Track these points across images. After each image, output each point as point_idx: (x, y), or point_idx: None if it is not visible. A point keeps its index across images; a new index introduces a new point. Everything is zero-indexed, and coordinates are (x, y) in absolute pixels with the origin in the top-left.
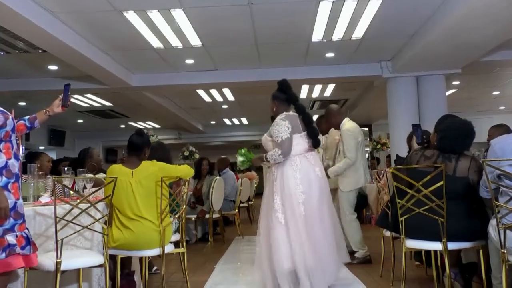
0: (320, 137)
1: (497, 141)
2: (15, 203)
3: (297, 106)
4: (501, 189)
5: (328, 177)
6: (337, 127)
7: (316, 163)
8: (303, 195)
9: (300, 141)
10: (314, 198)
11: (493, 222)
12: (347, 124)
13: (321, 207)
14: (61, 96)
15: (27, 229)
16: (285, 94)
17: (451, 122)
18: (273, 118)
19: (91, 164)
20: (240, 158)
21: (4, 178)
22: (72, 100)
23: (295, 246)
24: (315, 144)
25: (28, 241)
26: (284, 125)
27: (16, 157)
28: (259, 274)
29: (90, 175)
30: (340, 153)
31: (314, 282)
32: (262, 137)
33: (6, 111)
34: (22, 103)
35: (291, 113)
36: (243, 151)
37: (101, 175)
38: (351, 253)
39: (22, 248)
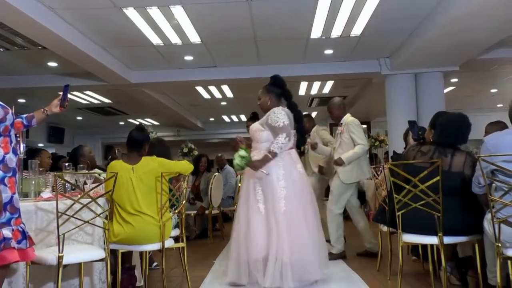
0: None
1: (490, 137)
2: (11, 197)
3: (290, 103)
4: (495, 185)
5: (339, 164)
6: (338, 120)
7: (297, 160)
8: (285, 190)
9: (290, 138)
10: (296, 195)
11: (487, 216)
12: (351, 117)
13: (304, 204)
14: (60, 96)
15: (23, 223)
16: (280, 89)
17: (450, 116)
18: (266, 112)
19: (85, 162)
20: (239, 159)
21: (0, 172)
22: (71, 97)
23: (271, 237)
24: (301, 142)
25: (24, 235)
26: (283, 113)
27: (14, 152)
28: (233, 261)
29: (91, 171)
30: (342, 144)
31: (285, 276)
32: (252, 125)
33: (6, 106)
34: (21, 100)
35: (286, 108)
36: (242, 152)
37: (96, 171)
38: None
39: (18, 242)
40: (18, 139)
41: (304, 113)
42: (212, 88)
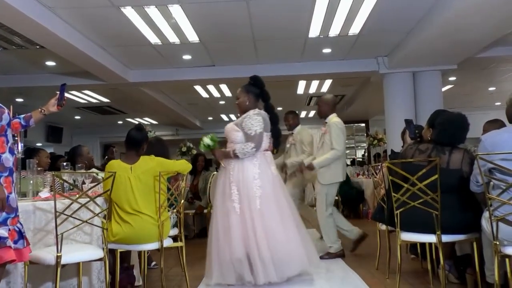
0: None
1: (487, 136)
2: (8, 197)
3: (267, 104)
4: (492, 183)
5: (311, 169)
6: (323, 116)
7: (272, 162)
8: (260, 189)
9: (265, 140)
10: (271, 195)
11: (485, 214)
12: (335, 118)
13: (279, 202)
14: (57, 95)
15: (20, 223)
16: (259, 90)
17: (449, 115)
18: (243, 111)
19: (83, 162)
20: (206, 141)
21: None
22: (69, 96)
23: (248, 236)
24: (276, 144)
25: (21, 235)
26: (258, 120)
27: (11, 151)
28: (215, 262)
29: (89, 171)
30: (324, 145)
31: (267, 272)
32: (227, 125)
33: (2, 106)
34: (19, 100)
35: (262, 111)
36: (211, 136)
37: (93, 171)
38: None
39: (15, 242)
40: (16, 138)
41: (290, 110)
42: (211, 87)
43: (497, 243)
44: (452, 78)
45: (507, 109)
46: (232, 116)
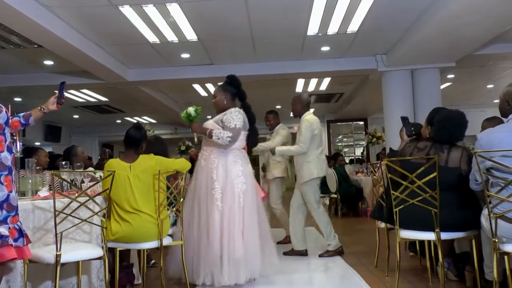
0: None
1: (483, 135)
2: (8, 195)
3: (245, 104)
4: (491, 180)
5: (273, 153)
6: (296, 115)
7: (248, 160)
8: (245, 185)
9: (242, 138)
10: (251, 192)
11: (484, 212)
12: (309, 116)
13: (257, 201)
14: (56, 94)
15: (20, 222)
16: (235, 89)
17: (448, 113)
18: (221, 110)
19: (78, 162)
20: (190, 110)
21: None
22: (68, 95)
23: (228, 235)
24: (253, 143)
25: (21, 233)
26: (239, 117)
27: (9, 150)
28: (189, 261)
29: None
30: (297, 142)
31: (239, 273)
32: (208, 121)
33: (1, 105)
34: (17, 99)
35: (242, 110)
36: (195, 108)
37: (90, 170)
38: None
39: (15, 240)
40: (15, 137)
41: (271, 109)
42: (209, 86)
43: (496, 240)
44: (450, 76)
45: (500, 105)
46: None
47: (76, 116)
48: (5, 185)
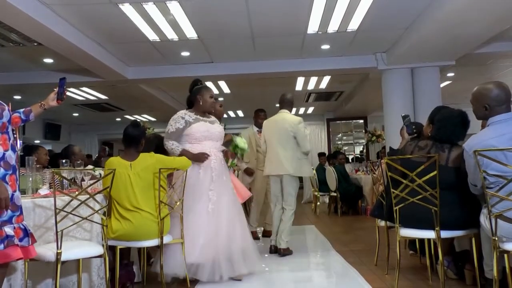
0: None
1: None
2: (12, 195)
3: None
4: (489, 181)
5: None
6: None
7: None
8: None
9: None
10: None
11: (484, 211)
12: (273, 117)
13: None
14: (56, 90)
15: (24, 221)
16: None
17: (449, 112)
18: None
19: (76, 160)
20: (242, 145)
21: (1, 170)
22: (67, 93)
23: (217, 235)
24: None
25: (26, 232)
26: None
27: (13, 148)
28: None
29: (86, 168)
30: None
31: (223, 273)
32: (220, 128)
33: (2, 103)
34: (17, 97)
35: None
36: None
37: (90, 167)
38: None
39: (20, 239)
40: (15, 135)
41: (259, 108)
42: (209, 84)
43: (496, 239)
44: (450, 74)
45: (475, 109)
46: (231, 113)
47: (75, 114)
48: (9, 185)
